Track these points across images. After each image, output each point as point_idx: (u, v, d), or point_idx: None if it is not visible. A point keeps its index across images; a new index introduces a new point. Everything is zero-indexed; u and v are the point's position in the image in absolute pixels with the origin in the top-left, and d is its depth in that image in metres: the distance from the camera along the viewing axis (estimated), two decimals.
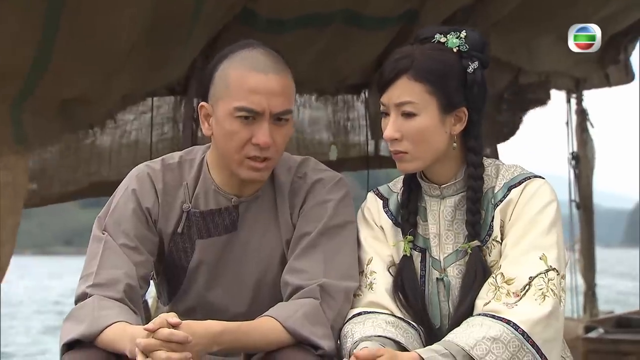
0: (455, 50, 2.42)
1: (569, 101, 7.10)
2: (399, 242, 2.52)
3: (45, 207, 4.63)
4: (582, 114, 7.11)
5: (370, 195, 2.61)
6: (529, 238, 2.38)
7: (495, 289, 2.36)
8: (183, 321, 2.25)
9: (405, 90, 2.39)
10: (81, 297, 2.43)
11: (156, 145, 4.63)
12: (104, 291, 2.41)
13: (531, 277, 2.34)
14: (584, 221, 7.07)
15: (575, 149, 7.07)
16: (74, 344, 2.35)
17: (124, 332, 2.30)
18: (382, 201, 2.58)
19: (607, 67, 6.87)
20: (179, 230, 2.53)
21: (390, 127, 2.41)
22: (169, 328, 2.21)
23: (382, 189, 2.61)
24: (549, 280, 2.34)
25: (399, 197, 2.56)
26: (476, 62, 2.42)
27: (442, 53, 2.41)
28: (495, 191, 2.45)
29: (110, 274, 2.43)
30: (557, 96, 6.99)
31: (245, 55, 2.43)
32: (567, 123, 7.08)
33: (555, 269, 2.36)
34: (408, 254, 2.49)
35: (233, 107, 2.40)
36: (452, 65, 2.41)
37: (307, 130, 5.44)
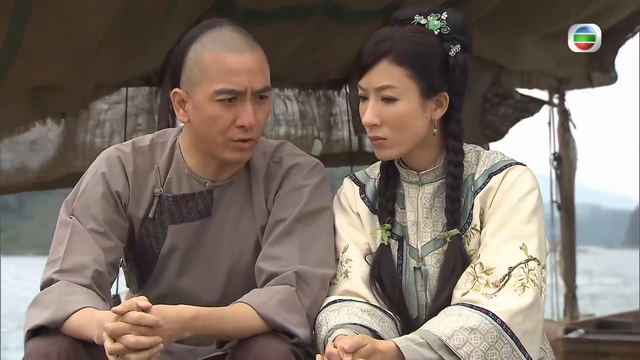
0: (436, 32, 2.34)
1: (551, 101, 7.06)
2: (376, 230, 2.44)
3: (46, 208, 4.58)
4: (564, 114, 7.07)
5: (347, 181, 2.53)
6: (509, 227, 2.31)
7: (474, 279, 2.29)
8: (154, 305, 2.17)
9: (385, 75, 2.32)
10: (47, 283, 2.36)
11: (131, 137, 4.55)
12: (71, 277, 2.34)
13: (511, 267, 2.27)
14: (565, 222, 7.02)
15: (557, 150, 7.02)
16: (38, 330, 2.27)
17: (91, 317, 2.23)
18: (358, 187, 2.50)
19: (591, 68, 6.84)
20: (150, 215, 2.46)
21: (369, 112, 2.34)
22: (139, 311, 2.14)
23: (359, 174, 2.53)
24: (529, 270, 2.27)
25: (376, 183, 2.48)
26: (458, 45, 2.34)
27: (423, 36, 2.34)
28: (475, 178, 2.38)
29: (77, 260, 2.35)
30: (540, 96, 6.95)
31: (217, 36, 2.35)
32: (549, 123, 7.04)
33: (535, 258, 2.29)
34: (386, 243, 2.42)
35: (213, 91, 2.33)
36: (433, 49, 2.34)
37: (292, 125, 5.39)
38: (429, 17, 2.35)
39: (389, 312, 2.38)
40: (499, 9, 5.41)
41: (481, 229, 2.36)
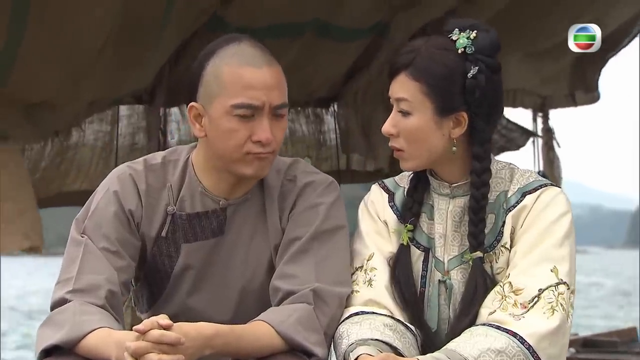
0: (460, 51, 2.29)
1: (535, 120, 7.10)
2: (398, 230, 2.41)
3: (48, 209, 4.56)
4: (548, 133, 7.11)
5: (375, 188, 2.49)
6: (541, 248, 2.27)
7: (502, 298, 2.25)
8: (175, 323, 2.13)
9: (402, 87, 2.30)
10: (59, 303, 2.29)
11: (128, 156, 4.52)
12: (84, 297, 2.27)
13: (541, 289, 2.23)
14: None
15: (541, 168, 7.06)
16: (51, 350, 2.21)
17: (108, 337, 2.17)
18: (387, 195, 2.46)
19: (574, 87, 6.90)
20: (163, 234, 2.41)
21: (388, 122, 2.33)
22: (160, 329, 2.09)
23: (388, 182, 2.49)
24: (559, 294, 2.23)
25: (405, 191, 2.45)
26: (477, 67, 2.28)
27: (445, 53, 2.29)
28: (509, 195, 2.34)
29: (91, 279, 2.29)
30: (523, 114, 7.01)
31: (235, 50, 2.32)
32: (533, 142, 7.08)
33: (565, 282, 2.25)
34: (405, 243, 2.38)
35: (230, 105, 2.29)
36: (453, 68, 2.29)
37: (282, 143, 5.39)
38: (462, 33, 2.30)
39: (410, 327, 2.33)
40: None
41: (511, 247, 2.32)
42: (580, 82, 6.99)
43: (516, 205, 2.32)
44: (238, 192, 2.43)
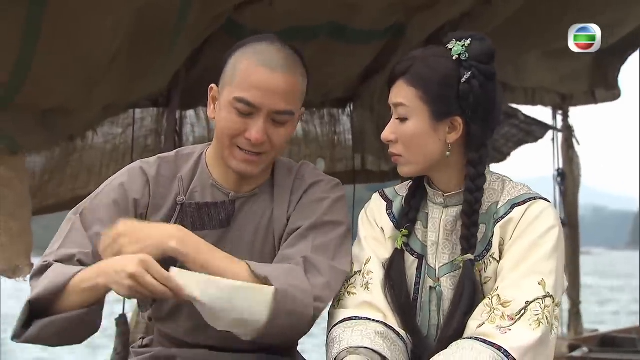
0: (455, 58, 2.37)
1: (554, 118, 7.08)
2: (394, 237, 2.48)
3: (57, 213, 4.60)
4: (568, 131, 7.09)
5: (375, 196, 2.59)
6: (530, 262, 2.33)
7: (490, 310, 2.30)
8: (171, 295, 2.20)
9: (400, 93, 2.40)
10: (38, 270, 2.37)
11: (141, 158, 4.55)
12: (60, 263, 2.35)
13: (528, 301, 2.29)
14: (570, 238, 7.02)
15: (561, 166, 7.04)
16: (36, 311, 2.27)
17: (95, 267, 2.24)
18: (386, 203, 2.56)
19: (595, 85, 6.86)
20: (172, 222, 2.47)
21: (387, 128, 2.43)
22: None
23: (388, 191, 2.59)
24: (545, 307, 2.29)
25: (403, 200, 2.53)
26: (470, 72, 2.36)
27: (439, 60, 2.38)
28: (499, 206, 2.41)
29: (67, 251, 2.37)
30: (543, 116, 6.98)
31: (260, 49, 2.41)
32: (553, 140, 7.06)
33: (552, 295, 2.31)
34: (399, 247, 2.46)
35: (233, 97, 2.39)
36: (447, 74, 2.37)
37: (296, 143, 5.41)
38: (457, 42, 2.38)
39: (401, 334, 2.39)
40: (502, 26, 5.43)
41: (500, 258, 2.38)
42: (600, 80, 6.96)
43: (504, 217, 2.39)
44: (246, 187, 2.51)
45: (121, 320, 4.64)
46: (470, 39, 2.38)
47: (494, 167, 6.53)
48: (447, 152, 2.41)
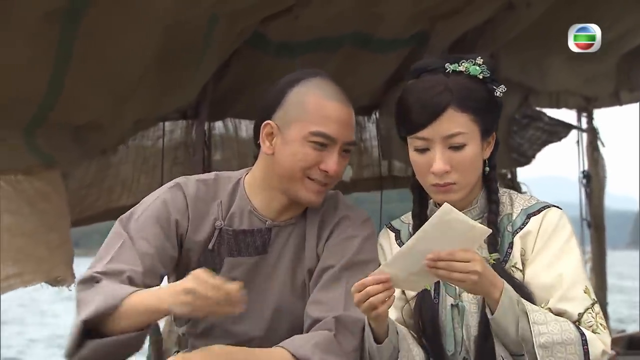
0: (480, 77, 2.42)
1: (579, 120, 7.08)
2: None
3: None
4: (592, 133, 7.09)
5: (383, 230, 2.64)
6: (570, 272, 2.38)
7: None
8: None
9: (453, 122, 2.38)
10: (87, 279, 2.41)
11: (171, 169, 4.64)
12: (110, 279, 2.40)
13: (580, 313, 2.34)
14: (596, 240, 7.04)
15: (586, 168, 7.04)
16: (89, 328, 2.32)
17: (154, 290, 2.32)
18: (394, 234, 2.60)
19: (620, 87, 6.86)
20: (210, 246, 2.54)
21: (440, 161, 2.39)
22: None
23: (395, 222, 2.63)
24: (596, 314, 2.35)
25: (409, 227, 2.57)
26: (502, 86, 2.43)
27: (471, 81, 2.41)
28: (513, 218, 2.46)
29: (118, 267, 2.42)
30: (568, 117, 6.98)
31: (321, 84, 2.49)
32: (578, 142, 7.06)
33: (596, 300, 2.38)
34: (429, 288, 2.45)
35: (309, 132, 2.45)
36: (482, 92, 2.42)
37: None
38: (462, 63, 2.42)
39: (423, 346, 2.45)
40: (526, 30, 5.46)
41: (522, 268, 2.42)
42: (625, 82, 6.95)
43: (523, 227, 2.44)
44: (285, 215, 2.57)
45: (153, 338, 4.69)
46: (480, 58, 2.42)
47: (518, 170, 6.57)
48: (487, 168, 2.47)
